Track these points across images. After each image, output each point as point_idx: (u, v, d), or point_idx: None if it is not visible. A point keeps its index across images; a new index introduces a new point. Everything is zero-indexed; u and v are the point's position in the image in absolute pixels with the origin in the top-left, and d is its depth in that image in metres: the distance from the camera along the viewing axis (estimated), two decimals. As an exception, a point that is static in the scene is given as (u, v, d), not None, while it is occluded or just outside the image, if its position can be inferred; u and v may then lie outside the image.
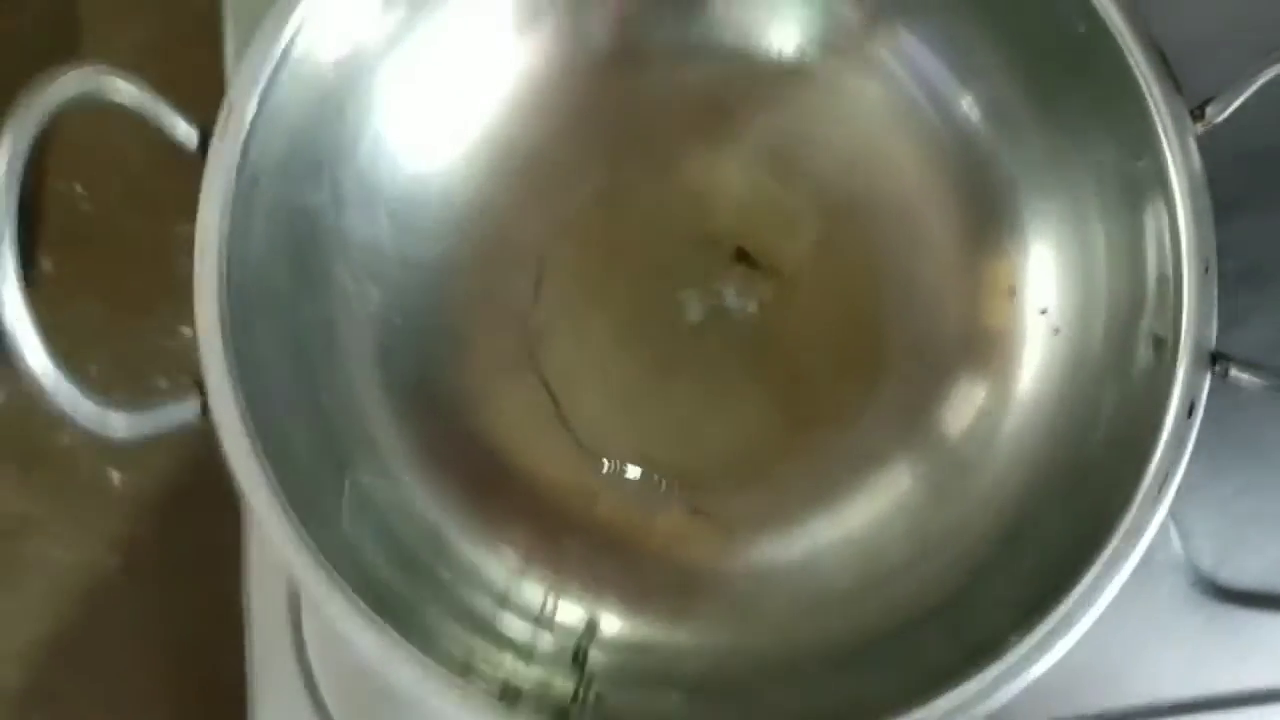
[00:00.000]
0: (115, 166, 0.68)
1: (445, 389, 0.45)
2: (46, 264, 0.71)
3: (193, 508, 0.68)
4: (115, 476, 0.71)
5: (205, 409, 0.37)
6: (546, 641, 0.42)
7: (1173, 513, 0.37)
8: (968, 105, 0.45)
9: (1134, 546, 0.36)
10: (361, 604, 0.36)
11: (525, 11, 0.45)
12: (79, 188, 0.72)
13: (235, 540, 0.46)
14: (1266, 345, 0.47)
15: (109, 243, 0.72)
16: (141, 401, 0.36)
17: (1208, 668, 0.46)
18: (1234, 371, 0.37)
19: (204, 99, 0.38)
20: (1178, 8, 0.47)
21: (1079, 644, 0.36)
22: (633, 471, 0.45)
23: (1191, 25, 0.47)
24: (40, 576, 0.71)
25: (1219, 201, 0.47)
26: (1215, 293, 0.37)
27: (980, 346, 0.45)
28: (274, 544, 0.36)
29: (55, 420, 0.35)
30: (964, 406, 0.45)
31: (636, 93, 0.47)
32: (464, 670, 0.37)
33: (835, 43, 0.46)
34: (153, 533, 0.71)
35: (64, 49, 0.72)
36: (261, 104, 0.37)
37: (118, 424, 0.36)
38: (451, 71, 0.45)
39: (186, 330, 0.35)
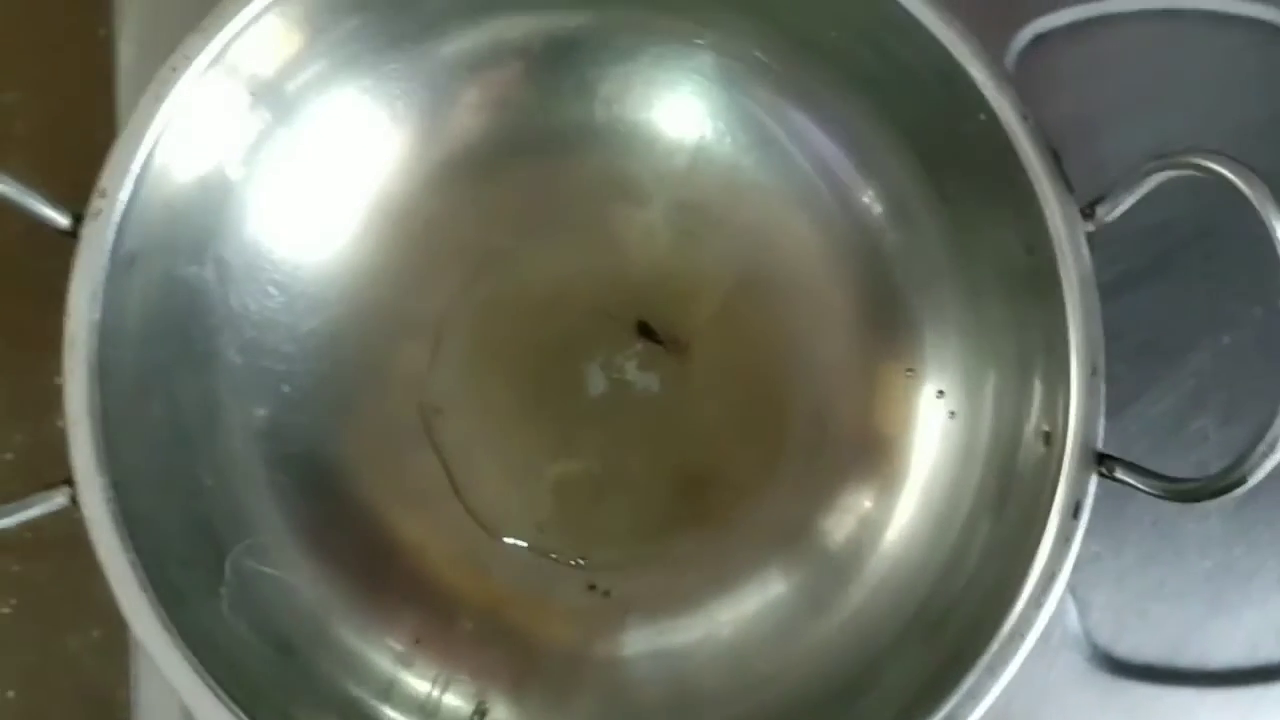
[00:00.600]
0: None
1: (333, 462, 0.44)
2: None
3: (91, 552, 0.67)
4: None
5: (74, 500, 0.36)
6: (430, 734, 0.41)
7: (1071, 586, 0.37)
8: (869, 199, 0.45)
9: (1018, 649, 0.36)
10: (230, 703, 0.35)
11: (406, 104, 0.45)
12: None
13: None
14: (1169, 415, 0.48)
15: (8, 279, 0.70)
16: (11, 497, 0.36)
17: (1103, 743, 0.46)
18: (1119, 473, 0.37)
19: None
20: (1074, 88, 0.48)
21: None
22: (529, 546, 0.44)
23: (1088, 104, 0.48)
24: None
25: (1121, 274, 0.48)
26: (1102, 393, 0.37)
27: (876, 428, 0.45)
28: (141, 639, 0.35)
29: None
30: (852, 504, 0.45)
31: (540, 169, 0.46)
32: (342, 771, 0.36)
33: (736, 125, 0.46)
34: (49, 573, 0.70)
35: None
36: (137, 186, 0.37)
37: None
38: (335, 156, 0.44)
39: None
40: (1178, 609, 0.47)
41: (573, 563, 0.45)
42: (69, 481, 0.36)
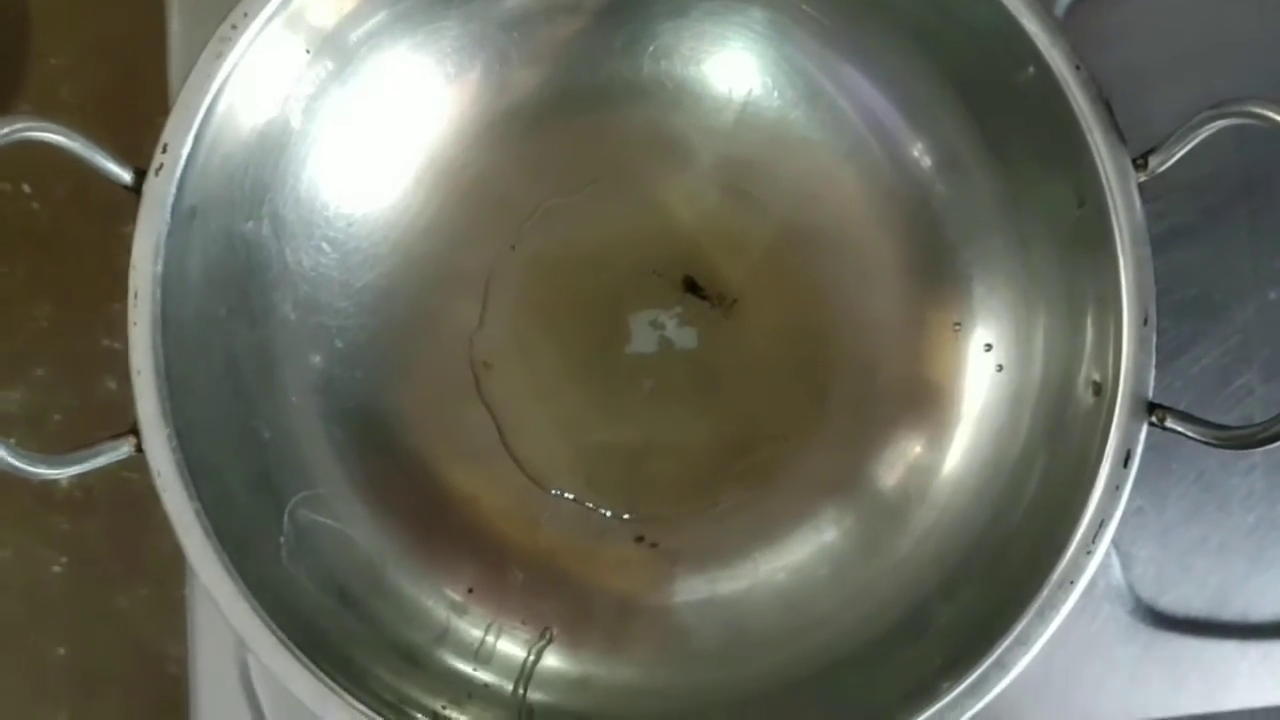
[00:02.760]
0: (62, 166, 0.67)
1: (386, 416, 0.45)
2: (-8, 263, 0.70)
3: (139, 511, 0.68)
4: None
5: (140, 448, 0.36)
6: (484, 679, 0.42)
7: (1115, 540, 0.37)
8: (919, 152, 0.45)
9: (1068, 595, 0.37)
10: (293, 647, 0.36)
11: (458, 61, 0.45)
12: (26, 188, 0.70)
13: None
14: (1214, 370, 0.48)
15: (57, 243, 0.71)
16: (77, 447, 0.36)
17: (1146, 694, 0.47)
18: (1170, 422, 0.37)
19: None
20: (1122, 44, 0.47)
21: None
22: (577, 499, 0.45)
23: (1136, 59, 0.47)
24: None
25: (1168, 229, 0.48)
26: (1154, 343, 0.37)
27: (924, 380, 0.45)
28: (206, 585, 0.36)
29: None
30: (902, 453, 0.45)
31: (587, 125, 0.46)
32: (397, 714, 0.37)
33: (784, 80, 0.46)
34: (98, 532, 0.71)
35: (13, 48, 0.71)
36: (197, 142, 0.37)
37: (53, 470, 0.36)
38: (389, 111, 0.44)
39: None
40: (1221, 563, 0.47)
41: (621, 516, 0.45)
42: (134, 431, 0.36)
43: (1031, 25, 0.38)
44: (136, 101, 0.66)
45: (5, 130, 0.34)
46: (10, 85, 0.70)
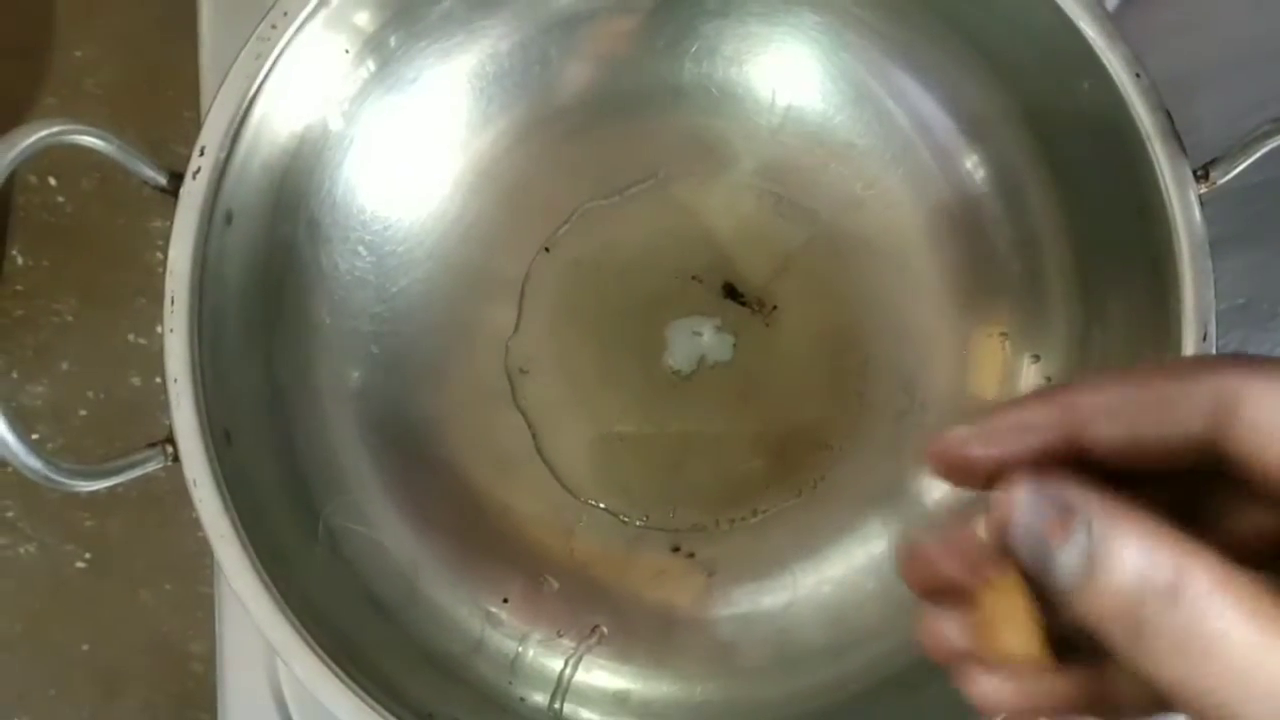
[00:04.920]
0: (89, 160, 0.66)
1: (421, 423, 0.44)
2: (19, 257, 0.69)
3: (163, 507, 0.68)
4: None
5: (176, 458, 0.36)
6: (520, 692, 0.41)
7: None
8: (969, 160, 0.44)
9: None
10: (326, 658, 0.35)
11: (499, 63, 0.44)
12: (53, 181, 0.70)
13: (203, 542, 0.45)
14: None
15: (83, 237, 0.70)
16: (114, 457, 0.36)
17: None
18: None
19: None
20: (1168, 46, 0.46)
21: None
22: (611, 508, 0.44)
23: (1182, 62, 0.46)
24: (7, 576, 0.70)
25: (1215, 237, 0.47)
26: (1212, 359, 0.36)
27: (969, 390, 0.44)
28: (241, 596, 0.35)
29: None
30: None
31: (627, 128, 0.46)
32: (432, 726, 0.36)
33: (830, 83, 0.45)
34: (122, 528, 0.71)
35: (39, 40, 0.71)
36: (234, 145, 0.36)
37: (89, 483, 0.35)
38: (430, 114, 0.43)
39: (159, 329, 0.35)
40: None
41: (657, 526, 0.44)
42: (170, 440, 0.36)
43: (1090, 30, 0.37)
44: (161, 94, 0.66)
45: (44, 134, 0.33)
46: (36, 78, 0.70)
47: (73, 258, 0.70)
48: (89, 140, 0.34)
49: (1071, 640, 0.20)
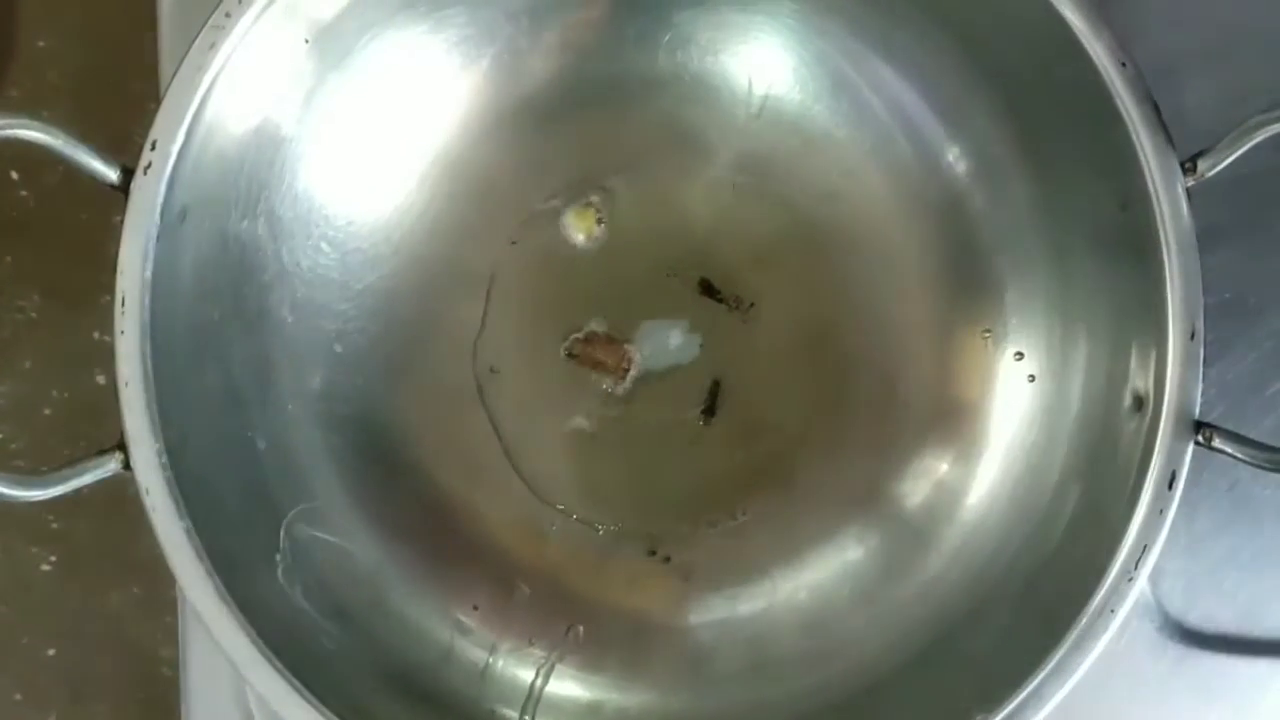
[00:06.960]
0: (51, 154, 0.65)
1: (387, 425, 0.43)
2: (-21, 253, 0.68)
3: (131, 508, 0.66)
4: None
5: (127, 465, 0.35)
6: (490, 704, 0.40)
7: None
8: (950, 151, 0.43)
9: (1108, 624, 0.35)
10: (288, 673, 0.34)
11: (465, 51, 0.43)
12: (14, 175, 0.69)
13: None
14: (1248, 377, 0.46)
15: (46, 232, 0.69)
16: (62, 466, 0.35)
17: (1173, 713, 0.45)
18: (1218, 442, 0.35)
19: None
20: (1153, 34, 0.45)
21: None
22: (582, 514, 0.43)
23: (1168, 50, 0.45)
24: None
25: (1203, 230, 0.46)
26: (1201, 358, 0.35)
27: (950, 387, 0.43)
28: (196, 608, 0.34)
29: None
30: (928, 468, 0.43)
31: (599, 119, 0.45)
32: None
33: (808, 73, 0.44)
34: (88, 530, 0.69)
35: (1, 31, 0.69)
36: (188, 138, 0.35)
37: (37, 492, 0.35)
38: (392, 105, 0.42)
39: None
40: (1252, 578, 0.46)
41: (631, 530, 0.43)
42: (121, 446, 0.35)
43: (1074, 17, 0.36)
44: (127, 85, 0.65)
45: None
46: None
47: (35, 254, 0.69)
48: (33, 135, 0.33)
49: None
